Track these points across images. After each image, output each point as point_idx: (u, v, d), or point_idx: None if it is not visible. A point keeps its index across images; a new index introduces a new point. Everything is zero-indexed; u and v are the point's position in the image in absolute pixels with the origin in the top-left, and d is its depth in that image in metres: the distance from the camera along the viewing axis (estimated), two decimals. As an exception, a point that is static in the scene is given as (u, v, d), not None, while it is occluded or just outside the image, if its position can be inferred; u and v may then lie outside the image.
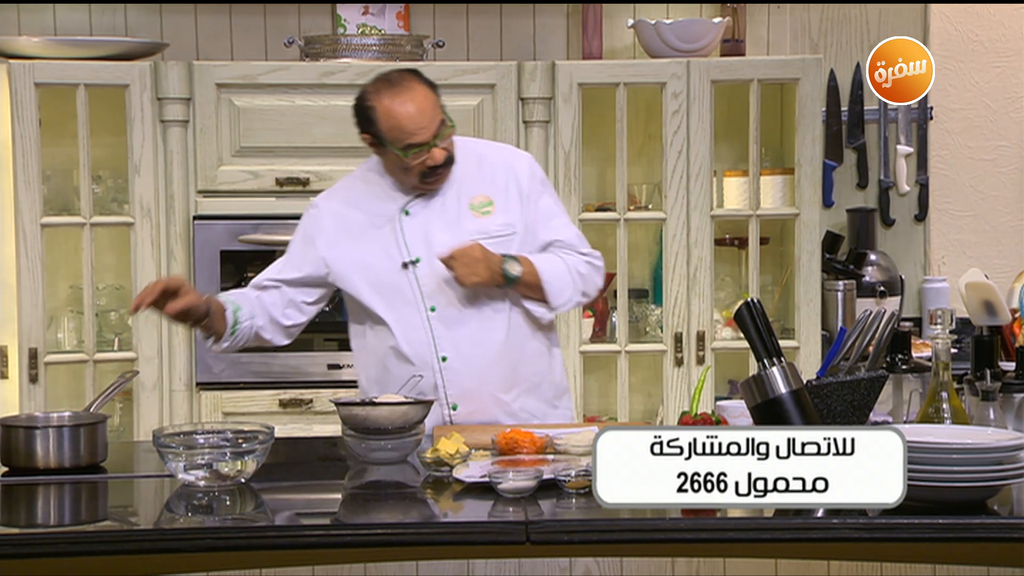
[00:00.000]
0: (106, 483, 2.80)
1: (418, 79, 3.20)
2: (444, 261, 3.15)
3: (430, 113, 3.15)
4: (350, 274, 3.28)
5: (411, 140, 3.15)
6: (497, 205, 3.28)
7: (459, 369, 3.22)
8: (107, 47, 4.34)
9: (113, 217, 4.38)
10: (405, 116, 3.14)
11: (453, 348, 3.23)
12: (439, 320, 3.24)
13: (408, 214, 3.27)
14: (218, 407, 4.32)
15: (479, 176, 3.30)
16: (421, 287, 3.24)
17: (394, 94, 3.16)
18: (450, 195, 3.28)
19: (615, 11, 4.67)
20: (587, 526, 2.44)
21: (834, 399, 2.70)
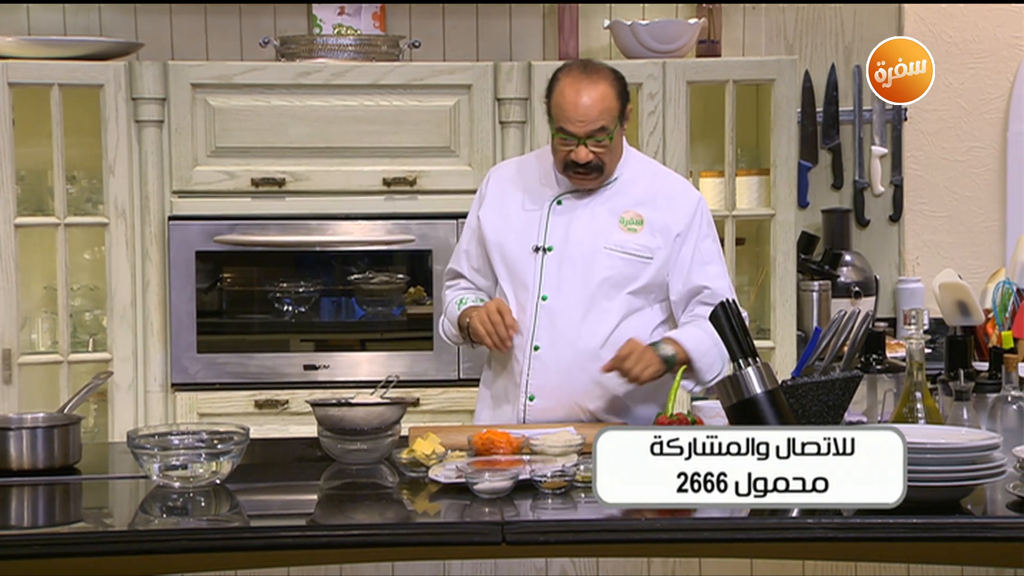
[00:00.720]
0: (80, 484, 2.79)
1: (610, 80, 3.18)
2: (614, 366, 3.11)
3: (595, 113, 3.14)
4: (492, 242, 3.29)
5: (565, 125, 3.16)
6: (646, 227, 3.25)
7: (547, 363, 3.21)
8: (81, 47, 4.32)
9: (88, 218, 4.36)
10: (571, 100, 3.14)
11: (548, 340, 3.22)
12: (546, 310, 3.22)
13: (560, 204, 3.27)
14: (193, 408, 4.31)
15: (642, 195, 3.27)
16: (543, 275, 3.24)
17: (578, 77, 3.17)
18: (607, 201, 3.26)
19: (591, 12, 4.68)
20: (563, 526, 2.44)
21: (809, 399, 2.71)
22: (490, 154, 4.35)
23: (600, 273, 3.22)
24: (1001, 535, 2.38)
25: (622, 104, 3.19)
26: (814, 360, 2.79)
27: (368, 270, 4.39)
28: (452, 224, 4.31)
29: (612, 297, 3.22)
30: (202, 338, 4.31)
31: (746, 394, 2.57)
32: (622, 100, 3.19)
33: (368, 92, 4.31)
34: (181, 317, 4.30)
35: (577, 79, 3.17)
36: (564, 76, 3.19)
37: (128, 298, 4.30)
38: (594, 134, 3.15)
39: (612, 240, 3.24)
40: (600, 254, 3.23)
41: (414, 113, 4.35)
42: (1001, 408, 2.78)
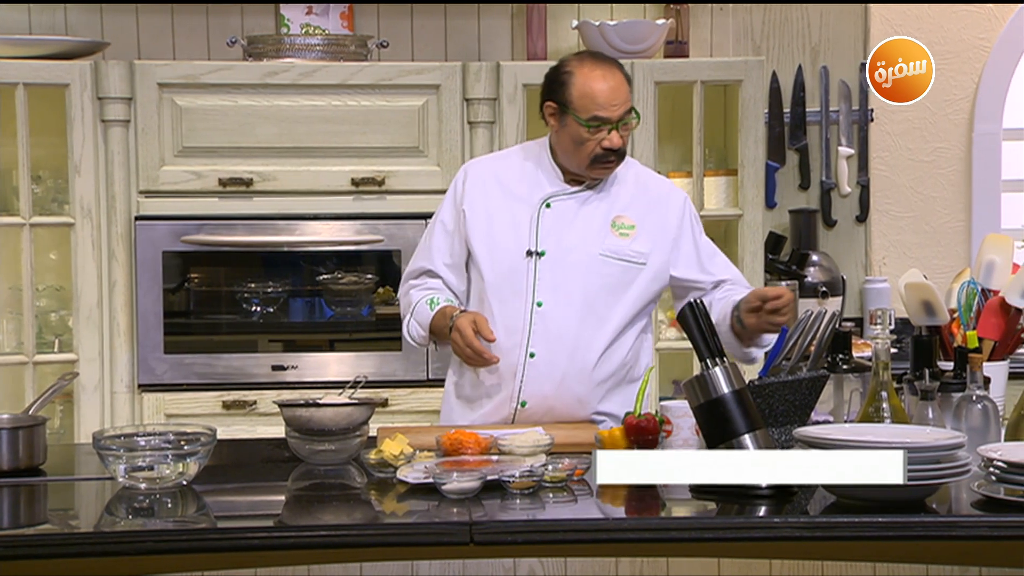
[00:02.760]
0: (46, 486, 2.77)
1: (619, 67, 3.21)
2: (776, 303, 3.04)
3: (623, 96, 3.16)
4: (478, 244, 3.26)
5: (599, 112, 3.14)
6: (638, 231, 3.24)
7: (542, 370, 3.19)
8: (47, 46, 4.30)
9: (53, 218, 4.33)
10: (600, 87, 3.15)
11: (544, 347, 3.20)
12: (541, 317, 3.20)
13: (549, 207, 3.25)
14: (160, 409, 4.29)
15: (631, 199, 3.27)
16: (536, 280, 3.21)
17: (596, 66, 3.18)
18: (597, 205, 3.25)
19: (559, 12, 4.68)
20: (531, 526, 2.45)
21: (776, 399, 2.72)
22: (459, 154, 4.35)
23: (597, 280, 3.20)
24: (966, 534, 2.39)
25: (631, 86, 3.23)
26: (781, 360, 2.80)
27: (337, 270, 4.38)
28: (421, 224, 4.31)
29: (609, 305, 3.21)
30: (169, 339, 4.29)
31: (713, 394, 2.58)
32: (630, 82, 3.23)
33: (336, 92, 4.30)
34: (148, 317, 4.28)
35: (596, 67, 3.18)
36: (581, 67, 3.19)
37: (94, 298, 4.27)
38: (624, 116, 3.16)
39: (607, 246, 3.23)
40: (595, 261, 3.21)
41: (382, 113, 4.34)
42: (966, 407, 2.79)
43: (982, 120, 4.89)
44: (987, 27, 4.87)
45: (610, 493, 2.71)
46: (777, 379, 2.73)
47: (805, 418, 2.78)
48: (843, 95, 4.85)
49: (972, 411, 2.79)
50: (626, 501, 2.70)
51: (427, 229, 3.40)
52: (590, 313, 3.20)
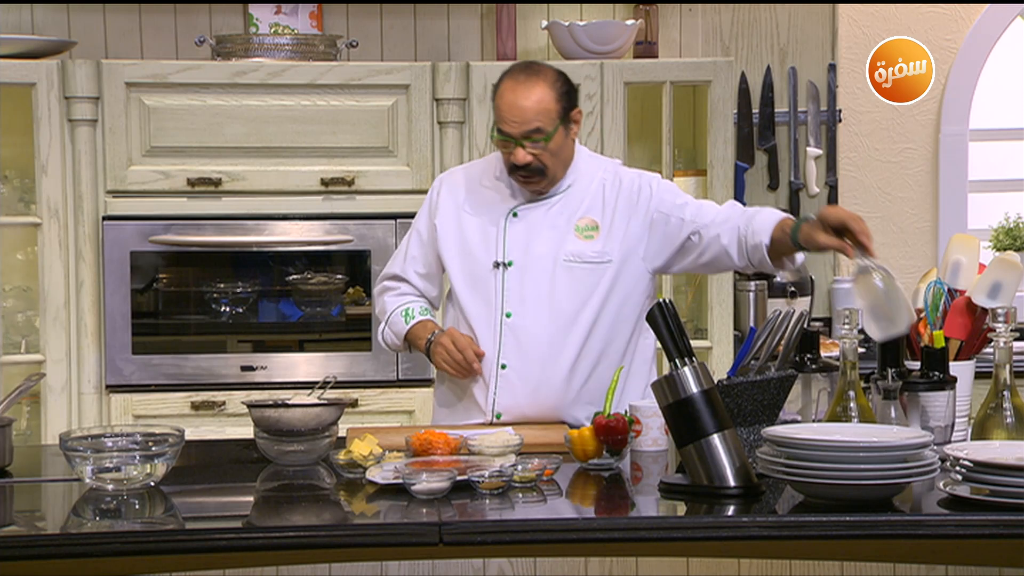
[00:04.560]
0: (12, 487, 2.76)
1: (549, 82, 3.15)
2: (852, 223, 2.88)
3: (531, 114, 3.12)
4: (449, 257, 3.26)
5: (501, 125, 3.15)
6: (602, 231, 3.22)
7: (514, 382, 3.19)
8: (13, 45, 4.27)
9: (20, 217, 4.31)
10: (508, 100, 3.13)
11: (516, 359, 3.20)
12: (510, 328, 3.20)
13: (516, 216, 3.24)
14: (128, 410, 4.27)
15: (596, 199, 3.24)
16: (505, 291, 3.21)
17: (517, 78, 3.16)
18: (563, 211, 3.24)
19: (529, 12, 4.69)
20: (500, 527, 2.45)
21: (744, 398, 2.73)
22: (428, 154, 4.35)
23: (562, 286, 3.19)
24: (932, 532, 2.40)
25: (563, 106, 3.16)
26: (749, 360, 2.81)
27: (306, 270, 4.37)
28: (391, 224, 4.31)
29: (577, 310, 3.20)
30: (137, 339, 4.27)
31: (682, 394, 2.58)
32: (563, 103, 3.16)
33: (305, 92, 4.30)
34: (116, 318, 4.26)
35: (516, 80, 3.16)
36: (507, 78, 3.19)
37: (61, 299, 4.25)
38: (530, 135, 3.13)
39: (570, 251, 3.22)
40: (560, 266, 3.21)
41: (352, 113, 4.33)
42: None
43: (949, 121, 4.92)
44: (954, 28, 4.90)
45: (579, 493, 2.72)
46: (745, 379, 2.74)
47: (773, 418, 2.78)
48: (811, 96, 4.87)
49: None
50: (595, 501, 2.71)
51: (406, 235, 3.41)
52: (559, 321, 3.20)
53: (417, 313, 3.30)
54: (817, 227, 2.92)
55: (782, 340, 2.83)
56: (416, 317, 3.29)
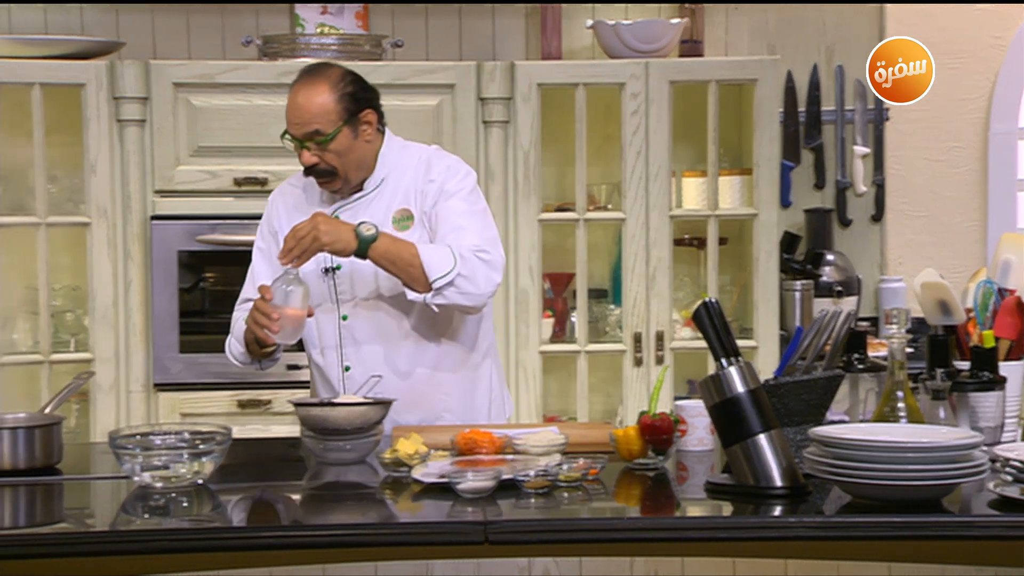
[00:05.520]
0: (62, 485, 2.78)
1: (331, 82, 3.14)
2: (283, 249, 3.03)
3: (309, 115, 3.12)
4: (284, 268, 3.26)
5: (287, 127, 3.16)
6: (416, 220, 3.22)
7: (359, 381, 3.19)
8: (63, 46, 4.31)
9: (69, 217, 4.35)
10: (290, 102, 3.16)
11: (356, 359, 3.22)
12: (348, 330, 3.22)
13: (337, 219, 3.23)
14: (176, 408, 4.30)
15: (408, 189, 3.24)
16: (338, 294, 3.23)
17: (300, 79, 3.17)
18: (380, 206, 3.24)
19: (574, 12, 4.68)
20: (545, 526, 2.44)
21: (791, 398, 2.71)
22: (473, 153, 4.35)
23: (388, 280, 3.16)
24: (981, 534, 2.38)
25: (345, 107, 3.14)
26: (796, 359, 2.80)
27: (351, 270, 4.38)
28: (435, 224, 4.31)
29: (408, 302, 3.16)
30: (184, 338, 4.30)
31: (728, 393, 2.57)
32: (345, 103, 3.14)
33: (351, 92, 4.30)
34: (163, 317, 4.29)
35: (300, 82, 3.17)
36: (296, 79, 3.18)
37: (110, 298, 4.28)
38: (311, 136, 3.13)
39: None
40: None
41: (397, 113, 4.31)
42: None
43: (998, 119, 4.87)
44: (1003, 26, 4.85)
45: (625, 493, 2.72)
46: (792, 378, 2.73)
47: (820, 418, 2.77)
48: (858, 94, 4.84)
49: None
50: (641, 500, 2.70)
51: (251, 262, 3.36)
52: (391, 316, 3.20)
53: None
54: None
55: (829, 340, 2.81)
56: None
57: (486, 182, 4.38)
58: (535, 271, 4.43)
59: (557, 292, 4.59)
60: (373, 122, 3.20)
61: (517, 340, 4.42)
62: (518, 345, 4.42)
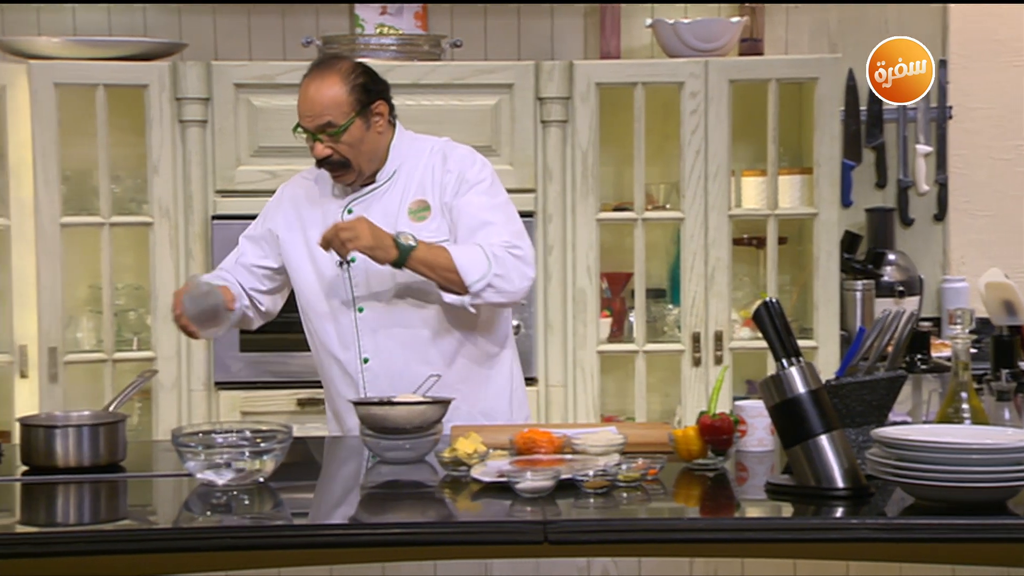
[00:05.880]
0: (125, 482, 2.81)
1: (342, 74, 3.17)
2: (324, 239, 3.08)
3: (320, 107, 3.15)
4: (299, 263, 3.30)
5: (300, 119, 3.20)
6: (433, 210, 3.24)
7: (379, 372, 3.22)
8: (126, 47, 4.35)
9: (132, 217, 4.39)
10: (302, 94, 3.19)
11: (374, 350, 3.23)
12: (365, 322, 3.23)
13: (351, 212, 3.26)
14: (236, 407, 4.33)
15: (423, 179, 3.26)
16: (353, 287, 3.24)
17: (311, 72, 3.21)
18: (393, 197, 3.26)
19: (633, 11, 4.67)
20: (605, 526, 2.44)
21: (853, 399, 2.69)
22: (531, 153, 4.35)
23: (404, 273, 3.16)
24: (1048, 537, 2.35)
25: (357, 99, 3.16)
26: (858, 360, 2.77)
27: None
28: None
29: (426, 292, 3.18)
30: (245, 337, 4.33)
31: (789, 394, 2.55)
32: (358, 95, 3.17)
33: (410, 92, 4.32)
34: (224, 316, 4.32)
35: (311, 74, 3.20)
36: (306, 73, 3.22)
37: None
38: (323, 128, 3.16)
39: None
40: None
41: (455, 112, 4.35)
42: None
43: (1063, 117, 4.81)
44: (1069, 22, 4.79)
45: (684, 493, 2.71)
46: (854, 379, 2.70)
47: (883, 419, 2.74)
48: (921, 92, 4.79)
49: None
50: (700, 501, 2.69)
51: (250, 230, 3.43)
52: (409, 307, 3.21)
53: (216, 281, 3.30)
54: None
55: (892, 340, 2.78)
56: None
57: (544, 182, 4.38)
58: (593, 271, 4.42)
59: (615, 292, 4.59)
60: (384, 113, 3.23)
61: (575, 340, 4.42)
62: (575, 345, 4.42)
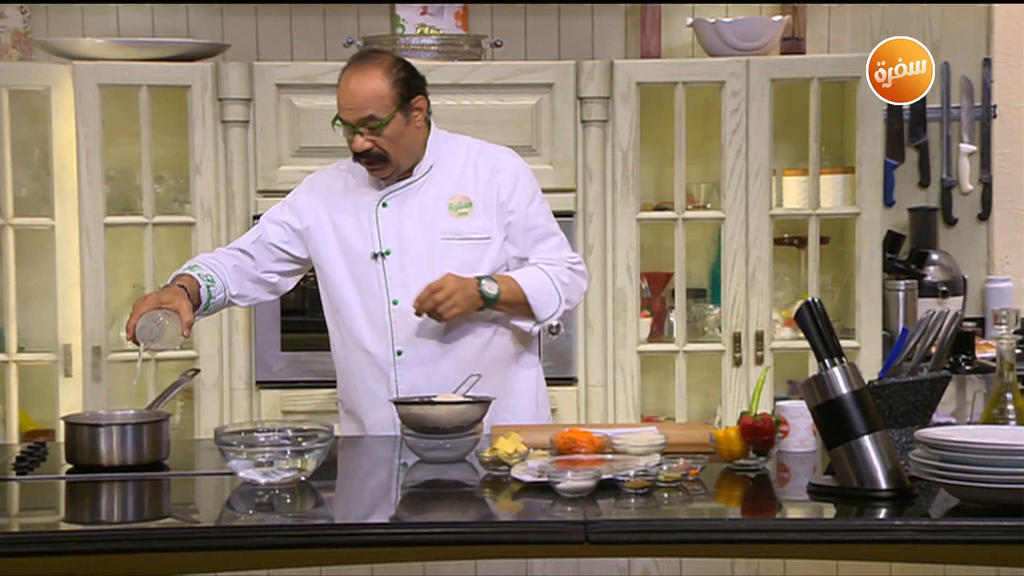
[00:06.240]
0: (168, 481, 2.83)
1: (384, 68, 3.20)
2: (419, 302, 3.14)
3: (363, 100, 3.17)
4: (330, 255, 3.31)
5: (340, 113, 3.21)
6: (476, 208, 3.27)
7: (412, 365, 3.23)
8: (169, 48, 4.38)
9: (174, 217, 4.42)
10: (343, 88, 3.20)
11: (409, 343, 3.24)
12: (399, 314, 3.24)
13: (385, 206, 3.28)
14: (277, 406, 4.35)
15: (463, 176, 3.29)
16: (387, 279, 3.25)
17: (352, 66, 3.22)
18: (430, 192, 3.28)
19: (674, 10, 4.66)
20: (646, 526, 2.44)
21: (896, 400, 2.68)
22: (571, 153, 4.35)
23: (443, 265, 3.20)
24: (1094, 539, 2.33)
25: (399, 93, 3.19)
26: (901, 360, 2.76)
27: (450, 269, 4.39)
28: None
29: None
30: (286, 336, 4.35)
31: (832, 394, 2.54)
32: (399, 89, 3.19)
33: (450, 92, 4.32)
34: (265, 315, 4.34)
35: (352, 68, 3.21)
36: (346, 67, 3.23)
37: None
38: (365, 121, 3.17)
39: (446, 229, 3.25)
40: (438, 247, 3.24)
41: (495, 112, 4.35)
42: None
43: (1109, 115, 4.76)
44: (1115, 20, 4.74)
45: (725, 493, 2.70)
46: (898, 379, 2.69)
47: (926, 420, 2.73)
48: (965, 91, 4.75)
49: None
50: (742, 501, 2.68)
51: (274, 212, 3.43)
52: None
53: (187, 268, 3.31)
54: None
55: (936, 340, 2.76)
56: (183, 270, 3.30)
57: (584, 181, 4.37)
58: (633, 271, 4.41)
59: (655, 292, 4.57)
60: (423, 108, 3.26)
61: (615, 339, 4.41)
62: (615, 344, 4.41)
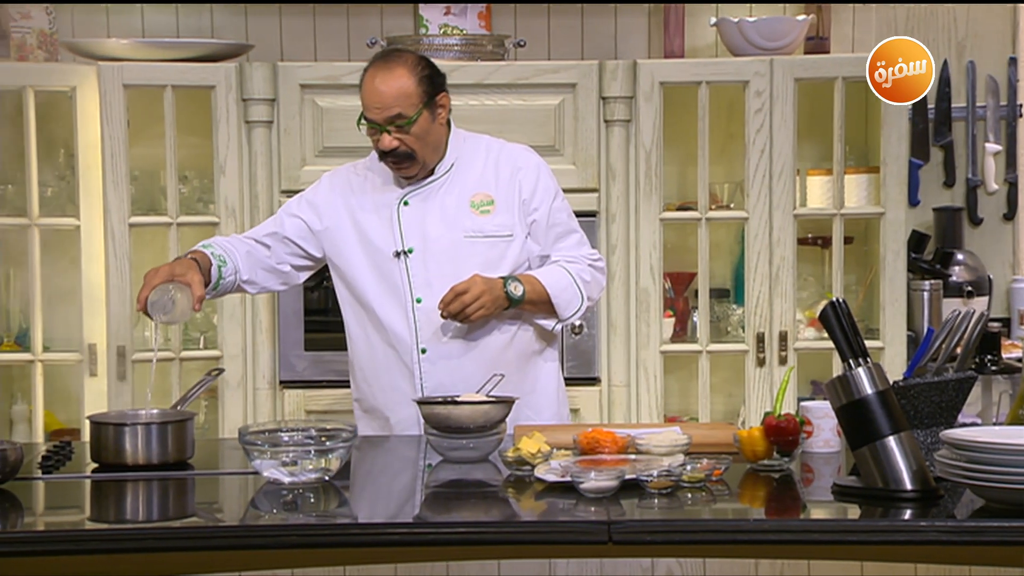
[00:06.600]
0: (193, 480, 2.84)
1: (409, 67, 3.21)
2: (444, 304, 3.15)
3: (391, 99, 3.18)
4: (351, 254, 3.32)
5: (366, 112, 3.22)
6: (498, 205, 3.29)
7: (437, 363, 3.24)
8: (194, 48, 4.39)
9: (199, 217, 4.43)
10: (368, 87, 3.21)
11: (433, 341, 3.26)
12: (423, 312, 3.25)
13: (407, 204, 3.29)
14: (301, 405, 4.36)
15: (484, 174, 3.31)
16: (411, 277, 3.26)
17: (377, 65, 3.23)
18: (452, 190, 3.30)
19: (697, 10, 4.65)
20: (669, 526, 2.43)
21: (921, 400, 2.67)
22: (594, 153, 4.35)
23: (467, 263, 3.22)
24: (1122, 541, 2.31)
25: (425, 91, 3.20)
26: (927, 361, 2.75)
27: (473, 269, 4.40)
28: (557, 223, 4.31)
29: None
30: (309, 336, 4.36)
31: (856, 395, 2.53)
32: (425, 87, 3.20)
33: (473, 92, 4.33)
34: (288, 315, 4.35)
35: (377, 67, 3.22)
36: (370, 66, 3.24)
37: (237, 296, 4.35)
38: (392, 120, 3.18)
39: (469, 227, 3.26)
40: (461, 245, 3.25)
41: (519, 112, 4.35)
42: None
43: None
44: None
45: (749, 494, 2.69)
46: (923, 380, 2.68)
47: (952, 420, 2.71)
48: (990, 90, 4.73)
49: None
50: (766, 502, 2.68)
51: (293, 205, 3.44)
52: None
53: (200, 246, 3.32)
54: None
55: (961, 341, 2.75)
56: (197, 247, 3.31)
57: (607, 181, 4.37)
58: (656, 270, 4.41)
59: (678, 291, 4.57)
60: (447, 105, 3.28)
61: (637, 339, 4.40)
62: (639, 344, 4.41)
